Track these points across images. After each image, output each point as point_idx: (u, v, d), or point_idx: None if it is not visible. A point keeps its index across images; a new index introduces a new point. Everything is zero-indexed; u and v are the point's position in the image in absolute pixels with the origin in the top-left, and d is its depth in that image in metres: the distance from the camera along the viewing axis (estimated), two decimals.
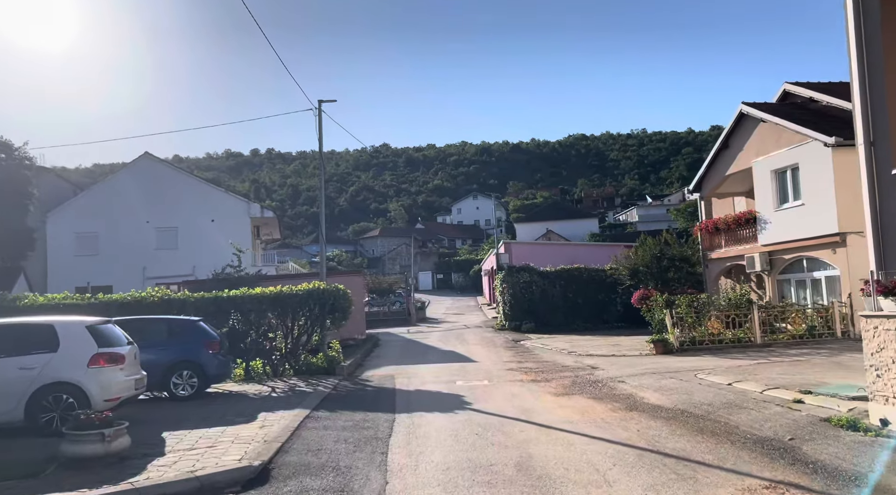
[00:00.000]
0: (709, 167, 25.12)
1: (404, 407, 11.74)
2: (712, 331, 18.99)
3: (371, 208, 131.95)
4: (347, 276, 27.34)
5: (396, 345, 28.07)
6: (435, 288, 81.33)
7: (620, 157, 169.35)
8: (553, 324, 32.02)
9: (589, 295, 32.57)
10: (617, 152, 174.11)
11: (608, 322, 32.21)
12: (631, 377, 14.54)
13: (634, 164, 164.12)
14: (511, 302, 32.63)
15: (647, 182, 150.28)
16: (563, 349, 22.38)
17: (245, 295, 15.88)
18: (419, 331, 35.76)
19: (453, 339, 29.53)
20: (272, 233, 47.88)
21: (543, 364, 18.43)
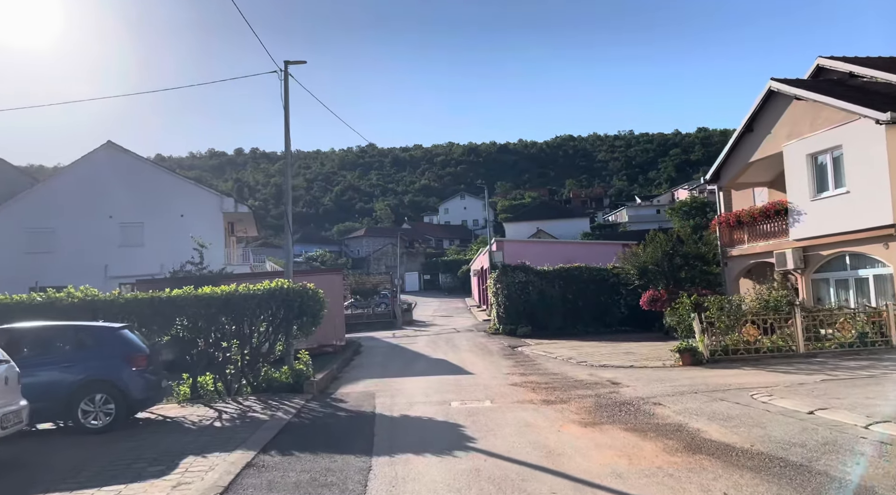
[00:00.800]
0: (729, 154, 22.34)
1: (385, 446, 8.74)
2: (747, 338, 16.14)
3: (356, 208, 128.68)
4: (323, 275, 24.30)
5: (380, 352, 25.01)
6: (422, 289, 78.31)
7: (608, 158, 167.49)
8: (551, 328, 29.15)
9: (590, 296, 29.73)
10: (604, 153, 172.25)
11: (610, 325, 29.37)
12: (667, 397, 11.62)
13: (622, 165, 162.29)
14: (505, 303, 29.71)
15: (635, 183, 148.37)
16: (570, 358, 19.46)
17: (190, 295, 12.79)
18: (405, 336, 32.72)
19: (443, 345, 26.53)
20: (248, 231, 44.64)
21: (552, 378, 15.48)
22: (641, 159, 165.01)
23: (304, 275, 23.61)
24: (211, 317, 13.05)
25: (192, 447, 8.63)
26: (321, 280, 23.52)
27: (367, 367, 19.94)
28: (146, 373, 10.20)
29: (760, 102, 20.51)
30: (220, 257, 36.40)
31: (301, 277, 22.08)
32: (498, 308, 30.23)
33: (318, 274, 24.76)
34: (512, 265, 30.44)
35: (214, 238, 36.90)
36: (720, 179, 23.06)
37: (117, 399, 9.75)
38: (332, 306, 23.54)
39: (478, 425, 9.92)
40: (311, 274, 25.13)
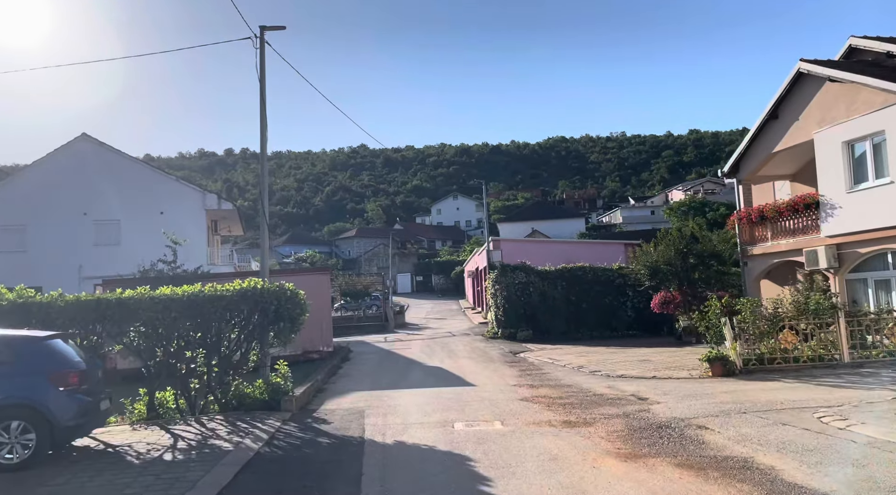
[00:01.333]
0: (750, 144, 20.47)
1: (376, 490, 6.77)
2: (784, 345, 14.25)
3: (348, 208, 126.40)
4: (308, 275, 22.23)
5: (371, 358, 22.99)
6: (414, 290, 76.27)
7: (601, 160, 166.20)
8: (553, 332, 27.24)
9: (594, 298, 27.83)
10: (597, 154, 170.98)
11: (617, 330, 27.49)
12: (712, 418, 9.71)
13: (615, 167, 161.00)
14: (505, 306, 27.76)
15: (628, 184, 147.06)
16: (581, 366, 17.51)
17: (145, 297, 10.73)
18: (398, 340, 30.71)
19: (439, 350, 24.55)
20: (233, 229, 42.48)
21: (567, 391, 13.53)
22: (634, 161, 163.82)
23: (287, 275, 21.69)
24: (171, 323, 11.01)
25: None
26: (306, 280, 21.52)
27: (356, 377, 17.91)
28: (79, 394, 8.15)
29: (787, 86, 18.66)
30: (203, 256, 34.23)
31: (283, 277, 20.10)
32: (497, 310, 28.30)
33: (303, 273, 22.70)
34: (511, 265, 28.51)
35: (197, 236, 34.78)
36: (739, 172, 21.19)
37: (39, 427, 7.71)
38: (319, 309, 21.53)
39: (491, 458, 7.95)
40: (294, 273, 23.08)
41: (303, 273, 22.49)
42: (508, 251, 31.85)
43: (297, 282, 20.73)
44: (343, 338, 32.54)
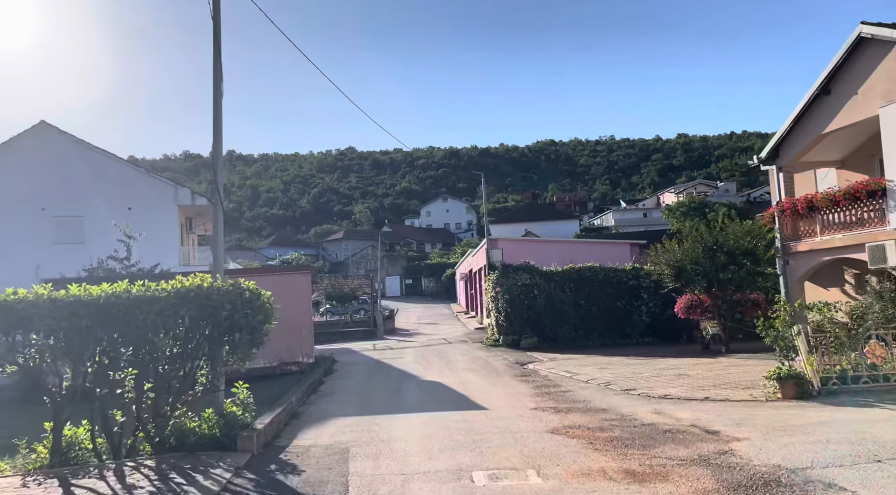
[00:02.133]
0: (794, 125, 17.68)
1: None
2: (871, 360, 11.44)
3: (335, 210, 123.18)
4: (284, 275, 19.17)
5: (358, 370, 19.94)
6: (403, 294, 73.25)
7: (590, 163, 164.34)
8: (561, 340, 24.39)
9: (606, 301, 25.00)
10: (586, 158, 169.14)
11: (631, 336, 24.65)
12: (836, 470, 6.85)
13: (604, 170, 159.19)
14: (507, 310, 24.85)
15: (618, 187, 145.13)
16: (608, 383, 14.62)
17: (43, 300, 7.68)
18: (388, 348, 27.69)
19: (435, 361, 21.58)
20: (210, 229, 39.18)
21: (604, 417, 10.63)
22: (624, 164, 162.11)
23: (256, 274, 18.69)
24: (86, 333, 7.98)
25: None
26: (281, 281, 18.53)
27: (340, 396, 14.88)
28: None
29: (843, 55, 15.93)
30: (175, 256, 31.10)
31: (251, 276, 17.10)
32: (497, 315, 25.37)
33: (277, 273, 19.59)
34: (514, 265, 25.61)
35: (169, 234, 31.67)
36: (780, 157, 18.40)
37: None
38: (298, 314, 18.54)
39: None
40: (265, 272, 19.97)
41: (276, 272, 19.36)
42: (508, 251, 28.96)
43: (271, 284, 17.60)
44: (328, 346, 29.50)
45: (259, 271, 19.39)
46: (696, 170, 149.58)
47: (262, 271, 19.56)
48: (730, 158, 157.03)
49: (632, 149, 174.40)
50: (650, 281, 24.96)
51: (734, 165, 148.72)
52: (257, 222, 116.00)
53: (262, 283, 17.22)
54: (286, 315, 18.77)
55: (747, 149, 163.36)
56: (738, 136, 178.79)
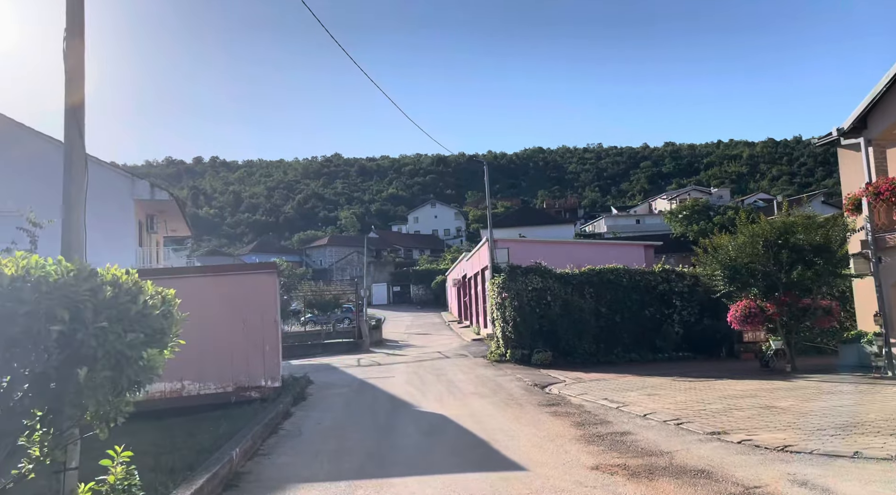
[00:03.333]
0: (889, 89, 13.90)
1: None
2: None
3: (320, 216, 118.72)
4: (238, 276, 14.73)
5: (337, 396, 15.68)
6: (391, 302, 69.01)
7: (579, 170, 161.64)
8: (579, 354, 20.46)
9: (632, 309, 21.10)
10: (575, 165, 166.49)
11: (662, 350, 20.76)
12: None
13: (593, 177, 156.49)
14: (515, 319, 20.79)
15: (608, 194, 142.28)
16: (675, 419, 10.58)
17: None
18: (375, 363, 23.53)
19: (433, 381, 17.47)
20: (176, 228, 34.85)
21: (718, 491, 6.59)
22: (613, 171, 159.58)
23: (197, 276, 14.61)
24: None
25: None
26: (234, 284, 14.40)
27: (308, 441, 10.67)
28: None
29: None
30: (131, 258, 26.74)
31: (185, 277, 13.04)
32: (504, 325, 21.31)
33: (229, 273, 15.17)
34: (524, 267, 21.61)
35: (123, 233, 27.31)
36: (868, 129, 14.61)
37: None
38: (260, 325, 14.38)
39: None
40: (212, 272, 15.54)
41: (228, 272, 14.94)
42: (515, 252, 24.99)
43: (218, 286, 13.52)
44: (305, 361, 25.30)
45: (200, 271, 15.17)
46: (686, 177, 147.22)
47: (206, 271, 15.30)
48: (719, 166, 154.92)
49: (620, 156, 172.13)
50: (683, 284, 21.14)
51: (723, 172, 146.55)
52: (239, 228, 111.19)
53: (205, 287, 12.99)
54: (244, 327, 14.61)
55: (736, 157, 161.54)
56: (726, 145, 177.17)
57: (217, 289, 14.29)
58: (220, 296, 14.26)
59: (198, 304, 14.21)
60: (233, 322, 14.21)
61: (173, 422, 12.01)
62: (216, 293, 14.26)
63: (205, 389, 13.98)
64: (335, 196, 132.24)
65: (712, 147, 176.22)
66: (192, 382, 13.92)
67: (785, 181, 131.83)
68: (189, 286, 14.04)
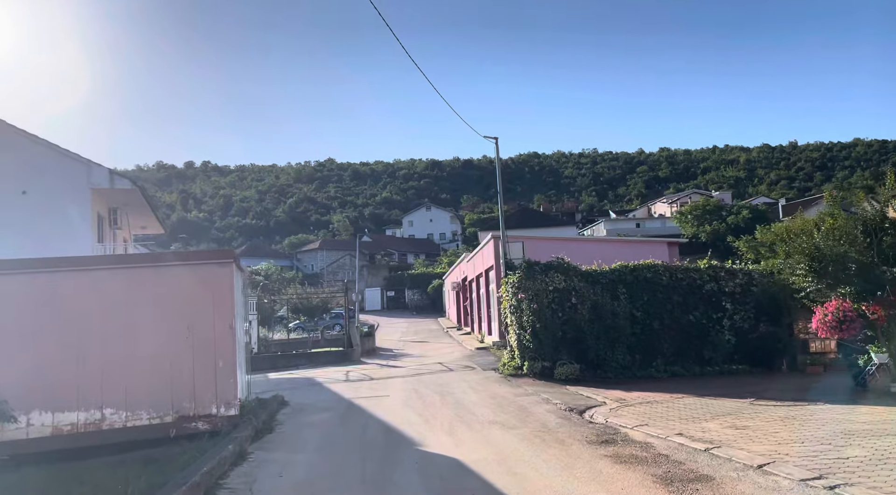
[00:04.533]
0: None
1: None
2: None
3: (312, 220, 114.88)
4: (179, 267, 10.81)
5: (314, 427, 11.86)
6: (385, 307, 65.29)
7: (575, 175, 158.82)
8: (612, 366, 16.84)
9: (673, 313, 17.47)
10: (571, 169, 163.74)
11: (712, 362, 17.14)
12: None
13: (590, 181, 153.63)
14: (534, 325, 17.10)
15: (605, 198, 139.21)
16: (817, 475, 6.92)
17: None
18: (366, 377, 19.80)
19: (437, 402, 13.78)
20: (145, 225, 30.97)
21: None
22: (609, 176, 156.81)
23: (129, 267, 10.95)
24: None
25: None
26: (180, 277, 10.74)
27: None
28: None
29: None
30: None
31: (117, 271, 9.46)
32: (521, 332, 17.62)
33: (171, 263, 10.95)
34: (543, 263, 17.98)
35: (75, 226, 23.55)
36: None
37: None
38: (210, 334, 10.67)
39: None
40: (150, 262, 11.24)
41: (165, 262, 10.75)
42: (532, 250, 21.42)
43: (154, 281, 9.99)
44: (285, 374, 21.61)
45: (123, 261, 11.28)
46: (682, 181, 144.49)
47: (134, 261, 11.36)
48: (716, 170, 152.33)
49: (616, 161, 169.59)
50: (735, 283, 17.56)
51: (721, 177, 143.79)
52: (228, 232, 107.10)
53: (134, 284, 9.52)
54: (189, 336, 10.90)
55: (733, 161, 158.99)
56: (721, 150, 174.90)
57: (152, 285, 10.61)
58: (156, 296, 10.59)
59: (123, 306, 10.52)
60: (173, 330, 10.53)
61: (77, 468, 8.38)
62: (150, 291, 10.58)
63: (134, 420, 10.27)
64: (328, 200, 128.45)
65: (708, 152, 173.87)
66: (117, 411, 10.22)
67: (784, 185, 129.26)
68: (109, 282, 10.32)
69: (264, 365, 24.05)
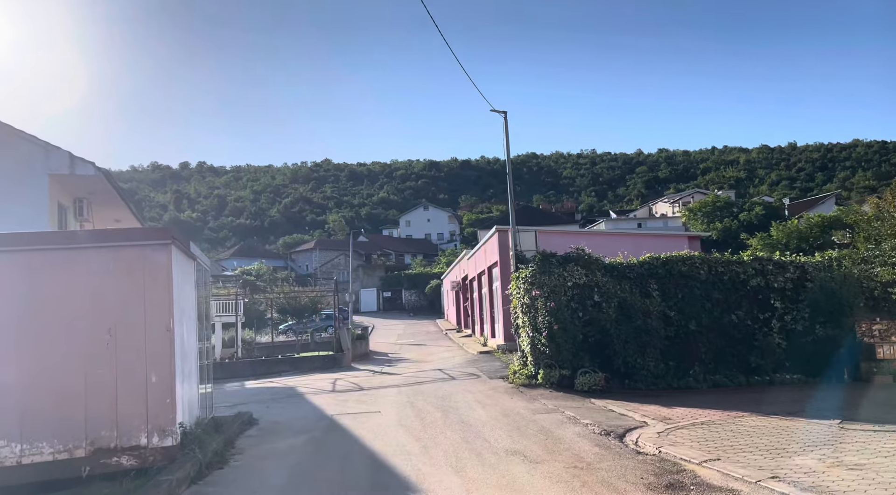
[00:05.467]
0: None
1: None
2: None
3: (307, 220, 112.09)
4: (102, 250, 7.96)
5: (278, 465, 9.10)
6: (381, 308, 62.61)
7: (574, 175, 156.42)
8: (643, 375, 14.27)
9: (712, 313, 14.89)
10: (570, 170, 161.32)
11: (759, 370, 14.55)
12: None
13: (589, 182, 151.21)
14: (551, 326, 14.44)
15: (605, 199, 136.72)
16: None
17: None
18: (355, 387, 17.14)
19: (439, 422, 11.13)
20: (121, 218, 28.21)
21: None
22: (608, 176, 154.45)
23: (27, 250, 8.17)
24: None
25: None
26: (98, 264, 8.04)
27: None
28: None
29: None
30: None
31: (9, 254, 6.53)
32: (535, 335, 14.98)
33: (87, 245, 7.98)
34: (560, 255, 15.37)
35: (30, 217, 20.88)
36: None
37: None
38: (142, 339, 7.93)
39: None
40: (58, 243, 8.25)
41: (78, 244, 7.96)
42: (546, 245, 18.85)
43: (62, 270, 7.25)
44: (265, 382, 18.97)
45: (20, 241, 8.14)
46: (682, 182, 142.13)
47: (33, 241, 8.28)
48: (716, 171, 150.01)
49: (615, 162, 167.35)
50: (786, 278, 14.96)
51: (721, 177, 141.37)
52: (222, 232, 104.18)
53: (33, 273, 6.75)
54: (111, 343, 8.12)
55: (732, 162, 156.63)
56: (720, 151, 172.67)
57: (61, 275, 7.95)
58: (65, 289, 7.93)
59: (18, 303, 7.88)
60: (89, 334, 7.89)
61: None
62: (58, 282, 7.92)
63: (32, 455, 7.61)
64: (324, 200, 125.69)
65: (707, 153, 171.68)
66: (8, 443, 7.57)
67: (785, 185, 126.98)
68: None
69: (243, 371, 21.42)
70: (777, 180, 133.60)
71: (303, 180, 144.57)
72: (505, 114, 17.60)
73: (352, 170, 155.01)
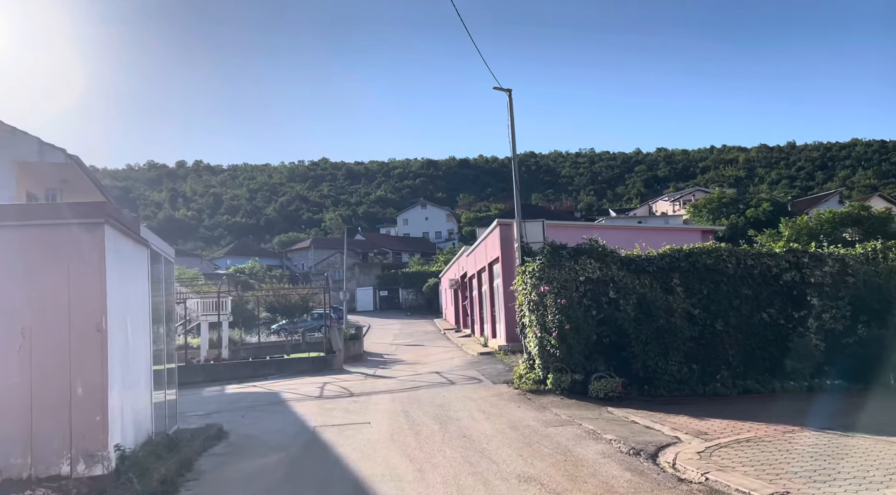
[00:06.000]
0: None
1: None
2: None
3: (304, 219, 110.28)
4: (18, 230, 6.65)
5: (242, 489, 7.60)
6: (378, 308, 60.97)
7: (573, 174, 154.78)
8: (664, 379, 12.64)
9: (741, 311, 13.30)
10: (568, 169, 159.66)
11: (794, 374, 12.94)
12: None
13: (588, 181, 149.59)
14: (562, 325, 12.81)
15: (603, 198, 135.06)
16: None
17: None
18: (345, 392, 15.51)
19: (436, 436, 9.51)
20: None
21: None
22: (607, 175, 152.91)
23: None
24: None
25: None
26: (11, 248, 6.09)
27: None
28: None
29: None
30: None
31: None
32: (543, 335, 13.37)
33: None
34: (571, 247, 13.77)
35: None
36: None
37: None
38: (65, 342, 6.25)
39: None
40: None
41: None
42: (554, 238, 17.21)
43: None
44: (247, 387, 17.33)
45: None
46: (682, 181, 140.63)
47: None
48: (715, 170, 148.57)
49: (613, 161, 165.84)
50: (824, 272, 13.38)
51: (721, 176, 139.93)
52: (217, 230, 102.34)
53: None
54: (24, 347, 6.53)
55: (732, 161, 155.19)
56: (719, 150, 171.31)
57: None
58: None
59: None
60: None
61: None
62: None
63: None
64: (321, 198, 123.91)
65: (706, 152, 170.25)
66: None
67: (785, 184, 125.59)
68: None
69: (226, 374, 19.79)
70: (777, 179, 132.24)
71: (300, 179, 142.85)
72: (510, 92, 15.93)
73: (349, 168, 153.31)
